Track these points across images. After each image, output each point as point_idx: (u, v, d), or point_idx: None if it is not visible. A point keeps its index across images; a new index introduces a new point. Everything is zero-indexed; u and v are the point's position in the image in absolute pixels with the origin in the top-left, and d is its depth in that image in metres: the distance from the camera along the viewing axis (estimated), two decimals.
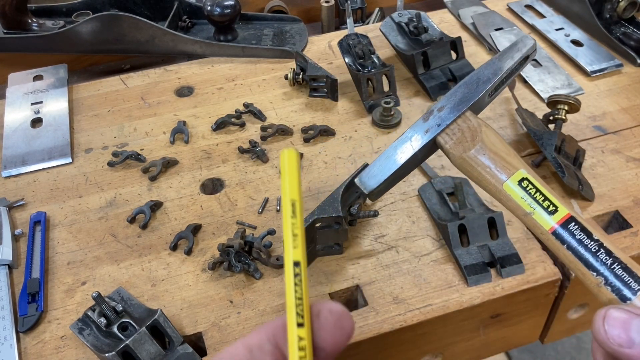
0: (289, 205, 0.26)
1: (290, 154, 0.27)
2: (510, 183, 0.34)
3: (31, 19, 0.99)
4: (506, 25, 1.00)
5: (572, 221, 0.32)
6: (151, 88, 0.93)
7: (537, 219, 0.32)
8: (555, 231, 0.32)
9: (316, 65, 0.89)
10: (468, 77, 0.38)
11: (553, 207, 0.32)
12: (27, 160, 0.80)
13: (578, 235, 0.31)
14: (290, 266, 0.25)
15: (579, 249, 0.31)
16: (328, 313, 0.23)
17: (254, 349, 0.23)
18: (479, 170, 0.35)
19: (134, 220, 0.71)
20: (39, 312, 0.61)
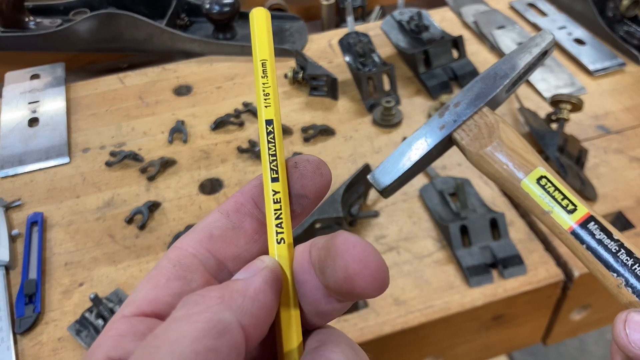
0: (259, 65, 0.25)
1: (259, 12, 0.26)
2: (528, 181, 0.33)
3: (28, 18, 0.98)
4: (508, 24, 0.99)
5: (592, 220, 0.31)
6: (149, 87, 0.92)
7: (556, 218, 0.31)
8: (574, 231, 0.31)
9: (316, 64, 0.88)
10: (485, 72, 0.37)
11: (572, 206, 0.31)
12: (24, 160, 0.79)
13: (598, 235, 0.31)
14: (263, 125, 0.24)
15: (598, 249, 0.30)
16: (306, 162, 0.23)
17: (230, 213, 0.23)
18: (496, 167, 0.34)
19: (132, 221, 0.70)
20: (36, 314, 0.60)
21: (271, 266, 0.21)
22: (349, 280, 0.19)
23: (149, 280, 0.21)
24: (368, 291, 0.20)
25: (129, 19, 0.94)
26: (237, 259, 0.23)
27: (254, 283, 0.20)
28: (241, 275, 0.21)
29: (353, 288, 0.20)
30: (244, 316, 0.19)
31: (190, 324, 0.17)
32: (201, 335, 0.17)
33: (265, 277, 0.20)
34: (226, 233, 0.23)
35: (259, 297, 0.19)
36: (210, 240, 0.22)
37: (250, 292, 0.19)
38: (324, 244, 0.21)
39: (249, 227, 0.23)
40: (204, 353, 0.17)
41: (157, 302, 0.21)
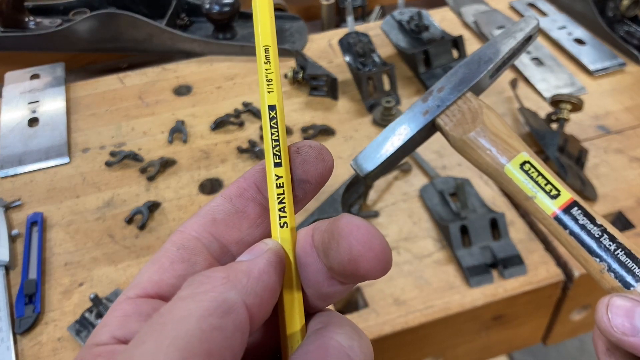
0: (262, 51, 0.25)
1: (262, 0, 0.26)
2: (511, 166, 0.32)
3: (28, 17, 0.98)
4: (508, 24, 0.99)
5: (575, 206, 0.31)
6: (149, 87, 0.92)
7: (539, 204, 0.31)
8: (557, 216, 0.30)
9: (316, 64, 0.88)
10: (469, 57, 0.37)
11: (555, 192, 0.31)
12: (24, 160, 0.79)
13: (581, 220, 0.30)
14: (266, 110, 0.24)
15: (581, 234, 0.30)
16: (308, 147, 0.23)
17: (233, 198, 0.23)
18: (479, 152, 0.33)
19: (132, 221, 0.70)
20: (35, 314, 0.60)
21: (275, 249, 0.21)
22: (353, 262, 0.20)
23: (153, 263, 0.22)
24: (372, 273, 0.20)
25: (129, 19, 0.94)
26: (240, 242, 0.23)
27: (258, 264, 0.20)
28: (245, 257, 0.21)
29: (357, 270, 0.20)
30: (248, 296, 0.19)
31: (196, 303, 0.18)
32: (207, 313, 0.17)
33: (269, 259, 0.21)
34: (229, 217, 0.23)
35: (263, 277, 0.20)
36: (214, 224, 0.23)
37: (254, 273, 0.20)
38: (327, 227, 0.21)
39: (252, 212, 0.23)
40: (209, 331, 0.17)
41: (161, 284, 0.21)
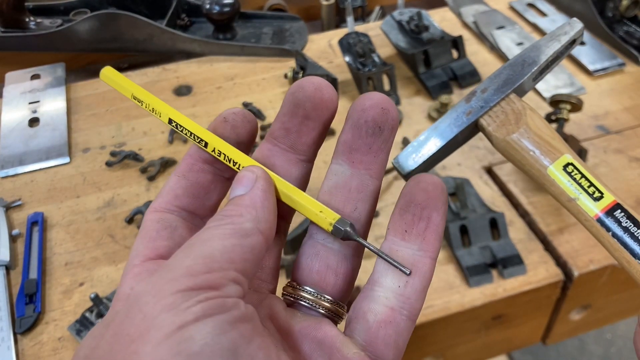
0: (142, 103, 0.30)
1: (107, 72, 0.30)
2: (554, 168, 0.33)
3: (29, 18, 0.99)
4: (508, 24, 0.99)
5: (618, 208, 0.30)
6: (149, 87, 0.92)
7: (582, 206, 0.31)
8: (600, 218, 0.30)
9: (316, 64, 0.88)
10: (513, 58, 0.38)
11: (599, 194, 0.31)
12: (25, 160, 0.79)
13: (624, 222, 0.30)
14: (171, 123, 0.28)
15: (624, 237, 0.30)
16: (233, 115, 0.27)
17: (186, 174, 0.27)
18: (523, 154, 0.34)
19: (132, 221, 0.70)
20: (36, 313, 0.60)
21: (260, 174, 0.24)
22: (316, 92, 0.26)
23: (142, 237, 0.25)
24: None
25: (129, 19, 0.94)
26: (203, 207, 0.27)
27: (258, 195, 0.23)
28: (240, 190, 0.24)
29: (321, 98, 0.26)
30: (259, 223, 0.22)
31: (218, 229, 0.22)
32: (228, 235, 0.21)
33: (262, 187, 0.24)
34: (188, 190, 0.26)
35: (265, 204, 0.23)
36: (177, 199, 0.26)
37: (258, 203, 0.23)
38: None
39: (205, 180, 0.26)
40: (230, 246, 0.21)
41: (157, 248, 0.24)
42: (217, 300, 0.19)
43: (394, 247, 0.25)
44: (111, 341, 0.19)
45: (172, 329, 0.18)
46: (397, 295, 0.24)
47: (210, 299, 0.19)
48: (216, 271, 0.20)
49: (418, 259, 0.24)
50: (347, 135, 0.26)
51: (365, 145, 0.26)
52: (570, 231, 0.66)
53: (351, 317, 0.24)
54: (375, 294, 0.24)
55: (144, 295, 0.19)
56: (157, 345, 0.18)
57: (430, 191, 0.24)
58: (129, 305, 0.20)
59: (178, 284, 0.19)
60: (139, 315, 0.19)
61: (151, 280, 0.20)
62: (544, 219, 0.67)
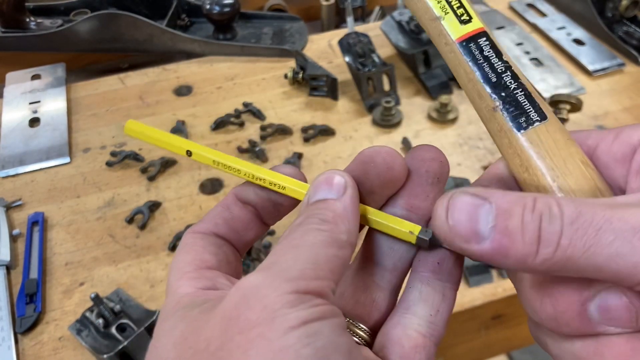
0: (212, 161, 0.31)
1: (131, 125, 0.30)
2: None
3: (29, 18, 0.99)
4: (508, 24, 0.99)
5: (485, 36, 0.28)
6: (150, 87, 0.92)
7: (446, 26, 0.29)
8: (463, 42, 0.28)
9: (316, 64, 0.88)
10: None
11: (467, 17, 0.28)
12: (25, 160, 0.80)
13: (487, 51, 0.28)
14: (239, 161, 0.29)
15: (483, 66, 0.27)
16: (370, 156, 0.27)
17: (230, 206, 0.28)
18: None
19: (133, 221, 0.70)
20: (36, 313, 0.60)
21: (350, 182, 0.25)
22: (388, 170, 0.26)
23: (187, 252, 0.26)
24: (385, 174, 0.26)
25: (130, 20, 0.95)
26: (238, 241, 0.28)
27: (349, 204, 0.24)
28: (330, 193, 0.25)
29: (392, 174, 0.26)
30: (351, 236, 0.24)
31: (320, 235, 0.23)
32: (328, 244, 0.22)
33: (352, 195, 0.25)
34: (228, 222, 0.27)
35: (356, 216, 0.24)
36: (217, 227, 0.27)
37: (350, 214, 0.24)
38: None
39: (245, 217, 0.28)
40: (331, 256, 0.22)
41: (205, 261, 0.26)
42: (329, 307, 0.21)
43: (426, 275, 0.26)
44: (223, 324, 0.20)
45: (297, 323, 0.20)
46: (429, 323, 0.25)
47: (321, 304, 0.21)
48: (322, 279, 0.21)
49: (447, 290, 0.26)
50: (406, 182, 0.27)
51: (424, 193, 0.27)
52: None
53: (383, 343, 0.25)
54: (408, 321, 0.25)
55: (263, 288, 0.21)
56: (285, 332, 0.19)
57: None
58: (244, 295, 0.21)
59: (295, 285, 0.21)
60: (259, 305, 0.20)
61: (267, 276, 0.21)
62: None
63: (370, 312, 0.27)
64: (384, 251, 0.27)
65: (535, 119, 0.26)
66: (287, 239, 0.23)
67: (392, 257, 0.27)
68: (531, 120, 0.26)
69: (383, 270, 0.27)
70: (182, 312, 0.22)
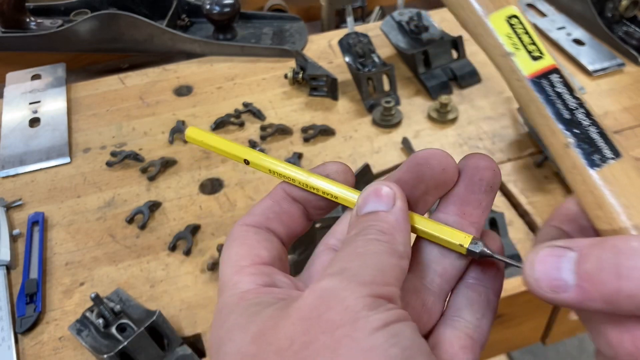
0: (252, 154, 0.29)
1: (192, 131, 0.29)
2: (496, 16, 0.29)
3: (29, 18, 0.99)
4: None
5: (557, 73, 0.28)
6: (150, 87, 0.92)
7: (518, 62, 0.29)
8: (535, 78, 0.28)
9: (316, 65, 0.89)
10: None
11: (539, 53, 0.28)
12: (25, 160, 0.80)
13: (559, 88, 0.28)
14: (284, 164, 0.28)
15: (556, 103, 0.27)
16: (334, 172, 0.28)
17: (279, 200, 0.28)
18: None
19: (133, 221, 0.70)
20: (37, 313, 0.60)
21: (399, 194, 0.25)
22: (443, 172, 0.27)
23: (241, 244, 0.26)
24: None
25: (130, 20, 0.95)
26: (287, 236, 0.28)
27: (401, 216, 0.25)
28: (380, 205, 0.25)
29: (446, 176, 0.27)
30: (406, 247, 0.24)
31: (380, 245, 0.23)
32: (390, 254, 0.23)
33: (402, 207, 0.25)
34: (279, 216, 0.27)
35: (407, 226, 0.25)
36: (268, 221, 0.27)
37: (402, 226, 0.24)
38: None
39: (294, 212, 0.28)
40: (393, 265, 0.23)
41: (260, 256, 0.25)
42: (402, 311, 0.21)
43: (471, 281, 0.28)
44: (303, 324, 0.21)
45: (380, 324, 0.20)
46: (475, 326, 0.26)
47: (394, 308, 0.21)
48: (390, 285, 0.22)
49: (491, 296, 0.27)
50: (460, 190, 0.28)
51: (477, 201, 0.27)
52: None
53: (434, 344, 0.26)
54: (457, 323, 0.26)
55: (341, 291, 0.21)
56: (371, 333, 0.20)
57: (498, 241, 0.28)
58: (322, 297, 0.21)
59: (369, 288, 0.21)
60: (339, 306, 0.21)
61: (341, 280, 0.22)
62: (543, 219, 0.67)
63: (420, 314, 0.27)
64: (434, 256, 0.27)
65: (609, 156, 0.26)
66: (350, 247, 0.23)
67: (442, 262, 0.27)
68: (605, 157, 0.26)
69: (433, 274, 0.27)
70: (253, 308, 0.23)
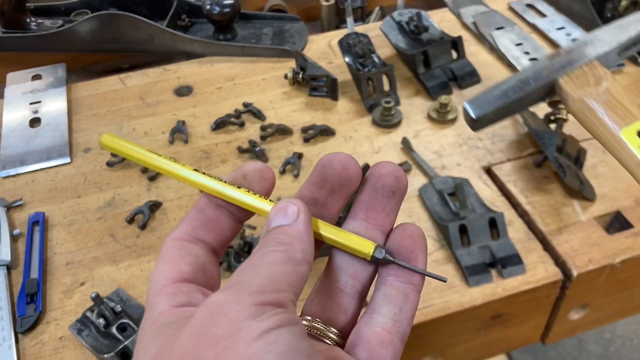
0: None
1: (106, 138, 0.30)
2: (628, 131, 0.32)
3: (30, 18, 0.99)
4: (507, 25, 0.99)
5: None
6: (150, 87, 0.92)
7: None
8: None
9: (316, 65, 0.89)
10: (600, 29, 0.38)
11: None
12: (26, 160, 0.80)
13: None
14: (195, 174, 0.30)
15: None
16: (252, 171, 0.30)
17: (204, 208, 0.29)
18: (598, 114, 0.34)
19: (133, 221, 0.71)
20: (37, 313, 0.61)
21: (302, 208, 0.27)
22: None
23: (165, 262, 0.27)
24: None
25: (130, 20, 0.95)
26: (216, 241, 0.29)
27: (302, 227, 0.26)
28: (284, 219, 0.27)
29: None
30: (306, 254, 0.26)
31: (277, 255, 0.25)
32: (285, 261, 0.25)
33: (304, 219, 0.27)
34: (204, 224, 0.29)
35: (309, 237, 0.27)
36: (194, 230, 0.29)
37: (303, 235, 0.26)
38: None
39: (220, 217, 0.29)
40: (288, 272, 0.24)
41: (182, 272, 0.27)
42: (288, 315, 0.23)
43: (389, 278, 0.29)
44: (193, 340, 0.22)
45: (259, 333, 0.21)
46: (394, 321, 0.28)
47: (281, 313, 0.22)
48: (281, 292, 0.23)
49: (409, 291, 0.28)
50: (364, 196, 0.30)
51: (380, 206, 0.30)
52: (569, 231, 0.66)
53: (354, 342, 0.28)
54: (375, 320, 0.28)
55: (227, 304, 0.22)
56: (249, 343, 0.21)
57: (415, 238, 0.29)
58: (211, 312, 0.22)
59: (255, 297, 0.22)
60: (224, 319, 0.22)
61: (230, 293, 0.23)
62: (543, 219, 0.67)
63: (337, 315, 0.29)
64: (345, 260, 0.29)
65: None
66: (248, 260, 0.25)
67: (353, 265, 0.29)
68: None
69: (346, 276, 0.29)
70: (160, 329, 0.24)
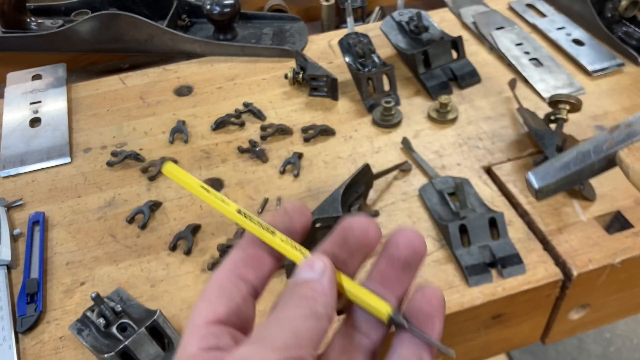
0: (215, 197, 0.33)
1: (169, 167, 0.33)
2: None
3: (30, 18, 0.99)
4: (507, 25, 0.99)
5: None
6: (150, 87, 0.92)
7: None
8: None
9: (316, 65, 0.89)
10: None
11: None
12: (26, 160, 0.80)
13: None
14: (237, 215, 0.32)
15: None
16: (292, 209, 0.32)
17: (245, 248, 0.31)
18: None
19: (133, 221, 0.71)
20: (37, 313, 0.61)
21: (329, 265, 0.29)
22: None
23: (204, 300, 0.29)
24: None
25: (130, 20, 0.95)
26: (256, 277, 0.31)
27: (327, 283, 0.28)
28: (311, 274, 0.29)
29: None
30: (328, 309, 0.27)
31: (300, 309, 0.27)
32: (307, 316, 0.26)
33: (330, 276, 0.28)
34: (245, 261, 0.31)
35: (333, 293, 0.28)
36: (236, 268, 0.30)
37: (327, 291, 0.28)
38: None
39: (260, 255, 0.31)
40: (310, 326, 0.26)
41: (216, 313, 0.28)
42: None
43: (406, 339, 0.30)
44: None
45: None
46: None
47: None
48: (302, 347, 0.25)
49: (423, 354, 0.29)
50: (381, 264, 0.31)
51: (395, 276, 0.31)
52: (569, 231, 0.66)
53: None
54: None
55: (254, 358, 0.24)
56: None
57: (434, 303, 0.30)
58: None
59: (279, 354, 0.24)
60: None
61: (255, 347, 0.25)
62: (543, 219, 0.67)
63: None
64: (362, 317, 0.31)
65: None
66: (273, 314, 0.27)
67: (368, 323, 0.31)
68: None
69: (360, 335, 0.31)
70: None
